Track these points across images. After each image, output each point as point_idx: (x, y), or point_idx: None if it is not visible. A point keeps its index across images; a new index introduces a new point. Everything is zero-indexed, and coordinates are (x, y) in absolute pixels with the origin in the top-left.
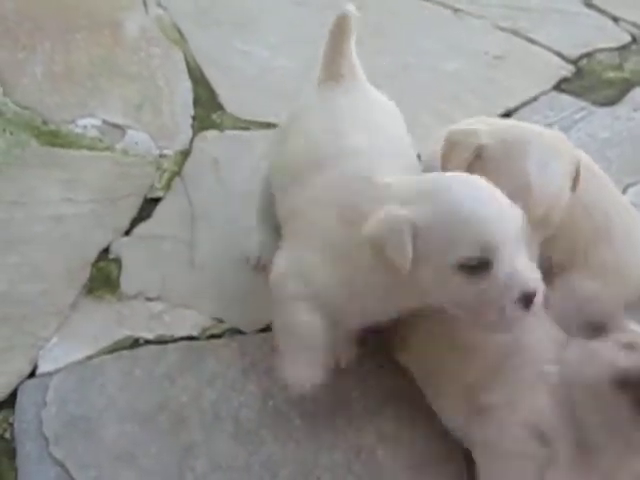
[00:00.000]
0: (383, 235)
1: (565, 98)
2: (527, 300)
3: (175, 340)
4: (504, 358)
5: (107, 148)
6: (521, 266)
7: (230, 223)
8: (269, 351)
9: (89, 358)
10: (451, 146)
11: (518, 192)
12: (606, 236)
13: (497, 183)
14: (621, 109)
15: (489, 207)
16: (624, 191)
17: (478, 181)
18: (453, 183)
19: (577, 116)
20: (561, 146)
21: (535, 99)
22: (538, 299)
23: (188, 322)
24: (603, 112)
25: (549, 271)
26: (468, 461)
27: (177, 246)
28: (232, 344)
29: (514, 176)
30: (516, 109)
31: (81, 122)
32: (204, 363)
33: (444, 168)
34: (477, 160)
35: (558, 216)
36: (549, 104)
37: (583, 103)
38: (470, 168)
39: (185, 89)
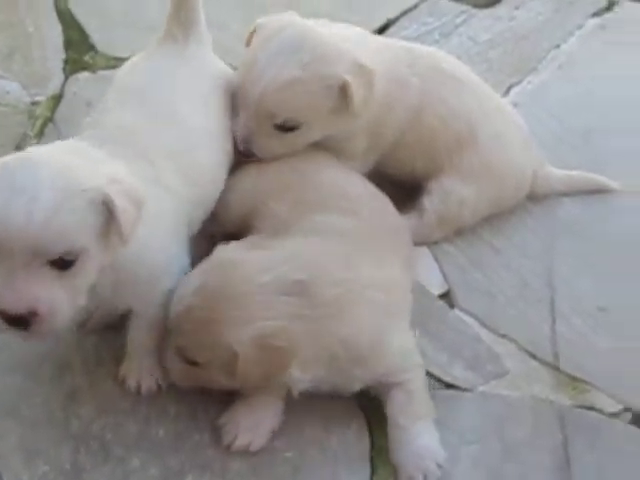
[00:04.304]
0: None
1: (445, 3)
2: (12, 321)
3: None
4: None
5: None
6: (13, 285)
7: None
8: None
9: None
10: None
11: (243, 67)
12: (471, 140)
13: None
14: (502, 9)
15: None
16: (507, 91)
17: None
18: None
19: (458, 20)
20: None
21: (415, 7)
22: (40, 319)
23: None
24: (484, 14)
25: (415, 178)
26: None
27: None
28: None
29: (250, 50)
30: (396, 19)
31: None
32: None
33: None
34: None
35: (287, 112)
36: (429, 11)
37: (463, 7)
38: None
39: (55, 33)
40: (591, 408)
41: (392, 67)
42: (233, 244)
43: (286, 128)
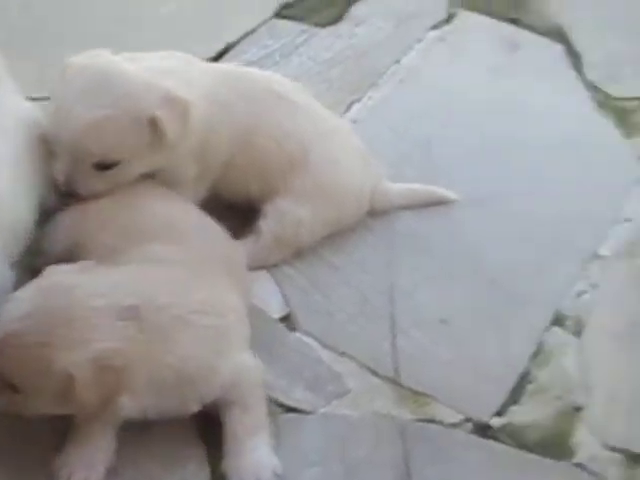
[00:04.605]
0: None
1: (285, 24)
2: None
3: None
4: None
5: None
6: None
7: None
8: None
9: None
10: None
11: (53, 108)
12: (303, 162)
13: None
14: (343, 27)
15: None
16: (348, 109)
17: None
18: None
19: (298, 40)
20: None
21: (255, 30)
22: None
23: None
24: (325, 32)
25: (252, 201)
26: None
27: None
28: None
29: (57, 91)
30: (236, 43)
31: None
32: None
33: None
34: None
35: (101, 151)
36: (270, 33)
37: (304, 26)
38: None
39: None
40: (432, 421)
41: (215, 91)
42: (64, 267)
43: (105, 166)
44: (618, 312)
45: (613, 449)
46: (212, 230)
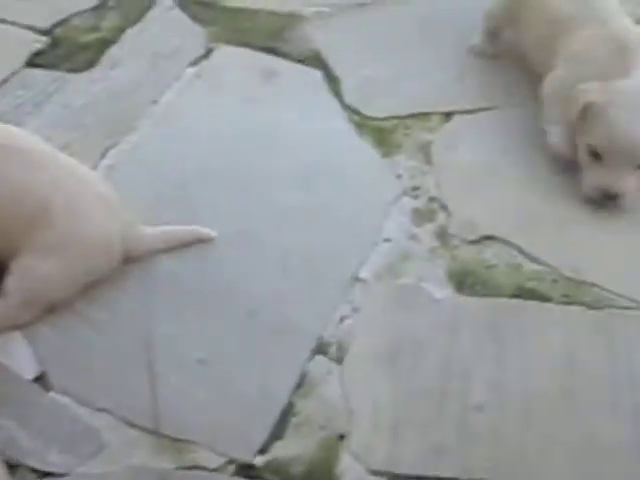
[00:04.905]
0: None
1: (38, 72)
2: None
3: None
4: None
5: None
6: None
7: None
8: None
9: None
10: None
11: None
12: (45, 215)
13: None
14: (97, 72)
15: None
16: (104, 154)
17: None
18: None
19: (51, 88)
20: None
21: (6, 81)
22: None
23: None
24: (79, 78)
25: None
26: None
27: None
28: None
29: None
30: None
31: None
32: None
33: None
34: None
35: None
36: (21, 83)
37: (58, 73)
38: None
39: None
40: (194, 467)
41: None
42: None
43: None
44: (378, 335)
45: (377, 473)
46: None
